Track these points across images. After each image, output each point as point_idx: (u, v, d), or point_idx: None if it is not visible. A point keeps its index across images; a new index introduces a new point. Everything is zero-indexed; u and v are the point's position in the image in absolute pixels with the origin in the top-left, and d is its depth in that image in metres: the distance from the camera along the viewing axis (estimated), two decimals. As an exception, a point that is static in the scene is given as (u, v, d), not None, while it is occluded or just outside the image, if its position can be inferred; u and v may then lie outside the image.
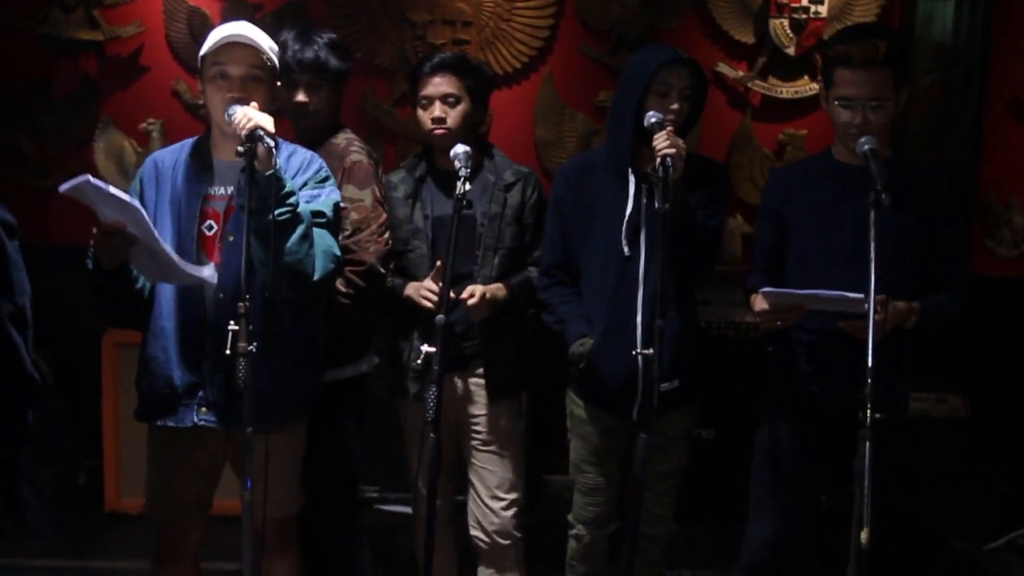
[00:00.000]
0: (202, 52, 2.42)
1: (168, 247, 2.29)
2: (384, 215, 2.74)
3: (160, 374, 2.42)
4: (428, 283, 2.70)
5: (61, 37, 4.04)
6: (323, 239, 2.39)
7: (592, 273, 2.70)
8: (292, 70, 2.69)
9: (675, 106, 2.55)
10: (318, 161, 2.52)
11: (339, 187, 2.64)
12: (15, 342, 1.88)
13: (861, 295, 2.32)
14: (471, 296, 2.70)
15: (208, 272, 2.35)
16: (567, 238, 2.75)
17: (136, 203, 2.23)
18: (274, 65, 2.45)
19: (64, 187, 2.11)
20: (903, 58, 2.54)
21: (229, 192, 2.43)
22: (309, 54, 2.71)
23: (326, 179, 2.50)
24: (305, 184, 2.46)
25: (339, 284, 2.64)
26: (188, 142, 2.53)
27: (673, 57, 2.58)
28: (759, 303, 2.57)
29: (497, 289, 2.77)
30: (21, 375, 1.88)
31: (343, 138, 2.79)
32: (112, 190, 2.16)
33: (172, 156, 2.51)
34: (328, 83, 2.76)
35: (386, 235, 2.73)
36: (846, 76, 2.49)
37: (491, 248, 2.80)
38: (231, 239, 2.38)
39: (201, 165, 2.46)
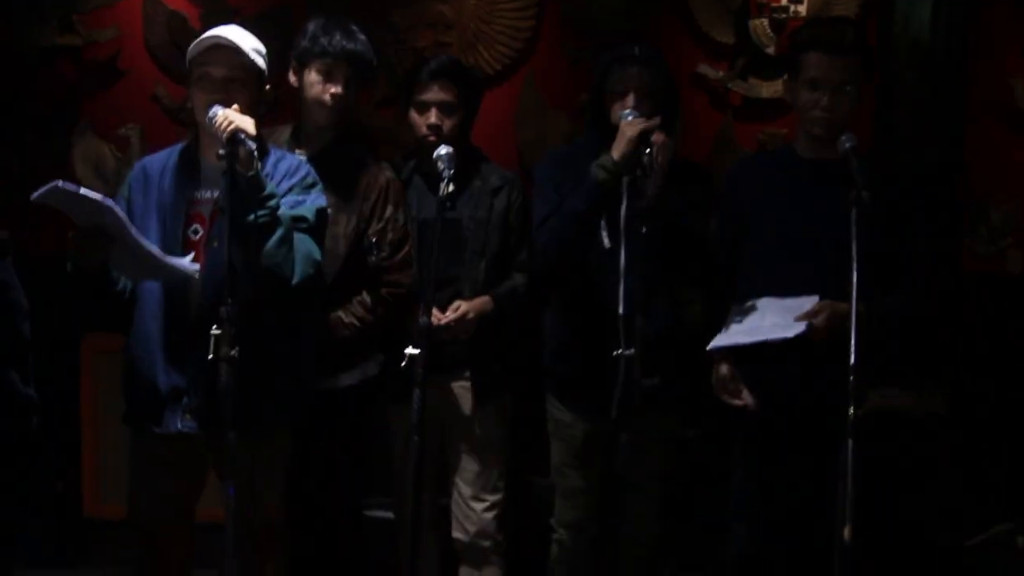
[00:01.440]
0: (189, 56, 2.41)
1: (147, 241, 2.28)
2: (410, 237, 2.76)
3: (144, 377, 2.41)
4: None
5: (38, 43, 4.00)
6: (304, 244, 2.39)
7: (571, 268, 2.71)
8: (338, 60, 2.64)
9: (631, 105, 2.55)
10: (305, 167, 2.52)
11: (375, 205, 2.65)
12: (8, 375, 1.88)
13: (802, 327, 2.36)
14: (455, 312, 2.69)
15: (188, 263, 2.33)
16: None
17: (108, 201, 2.22)
18: (259, 68, 2.44)
19: (35, 195, 2.12)
20: (868, 51, 2.57)
21: (215, 195, 2.42)
22: (359, 47, 2.68)
23: (312, 185, 2.50)
24: (291, 189, 2.45)
25: (374, 303, 2.68)
26: (177, 147, 2.53)
27: (625, 53, 2.59)
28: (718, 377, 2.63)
29: (484, 304, 2.77)
30: (20, 397, 1.89)
31: (370, 156, 2.81)
32: (83, 191, 2.17)
33: (160, 161, 2.51)
34: (364, 81, 2.75)
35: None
36: (814, 59, 2.50)
37: (478, 253, 2.80)
38: (216, 244, 2.37)
39: (188, 169, 2.46)
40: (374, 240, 2.69)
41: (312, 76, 2.67)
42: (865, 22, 3.96)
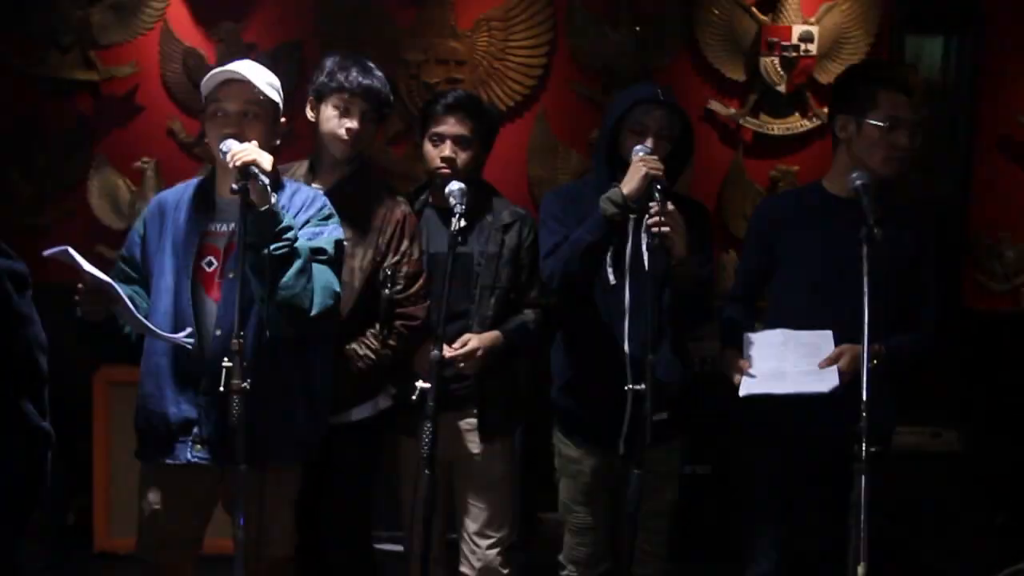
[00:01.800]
0: (203, 91, 2.44)
1: (143, 320, 2.33)
2: (425, 271, 2.76)
3: (155, 411, 2.42)
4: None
5: (57, 77, 4.06)
6: (323, 275, 2.40)
7: (579, 302, 2.70)
8: (354, 96, 2.66)
9: (649, 146, 2.55)
10: (322, 199, 2.54)
11: (391, 239, 2.68)
12: (25, 407, 1.84)
13: (835, 379, 2.37)
14: (463, 345, 2.70)
15: (184, 336, 2.36)
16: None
17: (109, 280, 2.27)
18: (274, 102, 2.46)
19: (47, 252, 2.19)
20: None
21: (230, 228, 2.44)
22: (376, 83, 2.70)
23: (329, 216, 2.52)
24: (308, 222, 2.46)
25: (384, 336, 2.67)
26: (193, 182, 2.56)
27: (648, 96, 2.60)
28: (735, 377, 2.59)
29: (494, 339, 2.76)
30: (36, 430, 1.86)
31: (386, 190, 2.80)
32: (86, 267, 2.23)
33: (176, 195, 2.53)
34: (380, 117, 2.76)
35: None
36: (895, 98, 2.52)
37: (488, 288, 2.80)
38: (231, 276, 2.38)
39: (203, 202, 2.49)
40: (389, 273, 2.70)
41: (329, 111, 2.69)
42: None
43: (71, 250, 2.19)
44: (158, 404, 2.42)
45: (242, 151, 2.29)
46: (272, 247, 2.27)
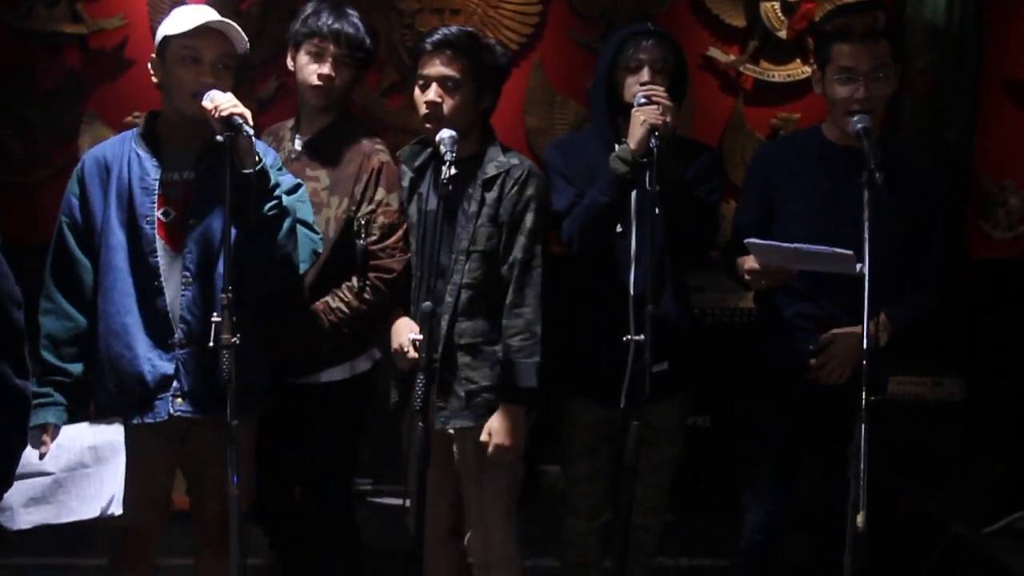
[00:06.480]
0: (171, 32, 2.37)
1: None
2: (405, 223, 2.65)
3: (129, 372, 2.37)
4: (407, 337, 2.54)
5: (44, 31, 3.99)
6: (302, 228, 2.39)
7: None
8: (325, 40, 2.58)
9: (646, 79, 2.51)
10: (272, 152, 2.50)
11: (366, 188, 2.59)
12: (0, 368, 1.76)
13: (851, 251, 2.29)
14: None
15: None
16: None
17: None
18: (239, 57, 2.43)
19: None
20: (898, 33, 2.53)
21: (185, 177, 2.40)
22: (348, 28, 2.60)
23: (281, 167, 2.50)
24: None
25: (361, 290, 2.57)
26: (129, 134, 2.47)
27: (639, 29, 2.56)
28: (748, 262, 2.53)
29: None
30: (12, 391, 1.77)
31: (365, 139, 2.69)
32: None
33: (115, 149, 2.44)
34: (356, 63, 2.65)
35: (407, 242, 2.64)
36: (846, 50, 2.45)
37: (463, 252, 2.59)
38: (197, 226, 2.36)
39: (152, 152, 2.41)
40: (363, 223, 2.58)
41: (303, 58, 2.61)
42: (889, 8, 3.91)
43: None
44: (131, 365, 2.37)
45: (229, 103, 2.25)
46: (266, 207, 2.26)
